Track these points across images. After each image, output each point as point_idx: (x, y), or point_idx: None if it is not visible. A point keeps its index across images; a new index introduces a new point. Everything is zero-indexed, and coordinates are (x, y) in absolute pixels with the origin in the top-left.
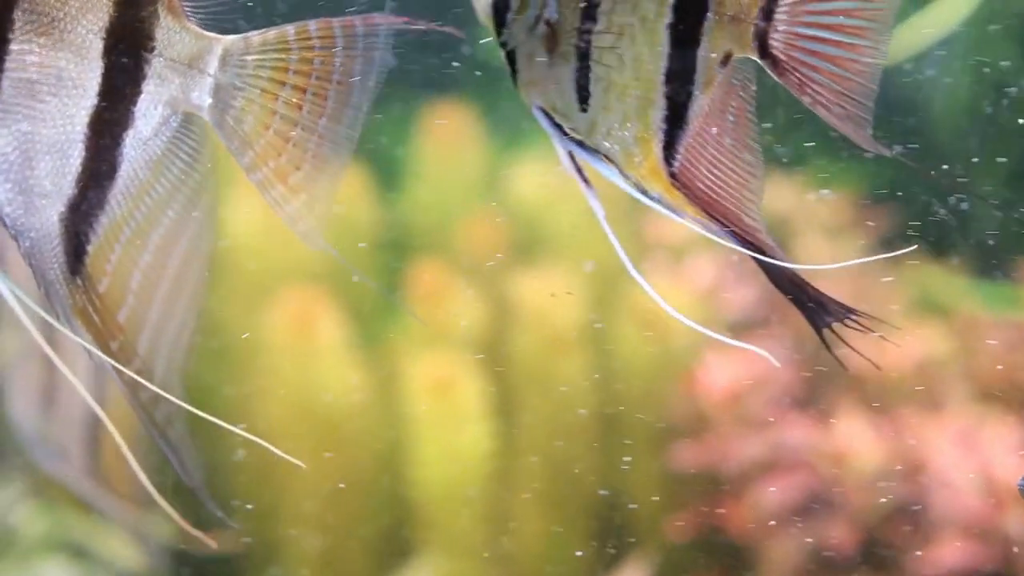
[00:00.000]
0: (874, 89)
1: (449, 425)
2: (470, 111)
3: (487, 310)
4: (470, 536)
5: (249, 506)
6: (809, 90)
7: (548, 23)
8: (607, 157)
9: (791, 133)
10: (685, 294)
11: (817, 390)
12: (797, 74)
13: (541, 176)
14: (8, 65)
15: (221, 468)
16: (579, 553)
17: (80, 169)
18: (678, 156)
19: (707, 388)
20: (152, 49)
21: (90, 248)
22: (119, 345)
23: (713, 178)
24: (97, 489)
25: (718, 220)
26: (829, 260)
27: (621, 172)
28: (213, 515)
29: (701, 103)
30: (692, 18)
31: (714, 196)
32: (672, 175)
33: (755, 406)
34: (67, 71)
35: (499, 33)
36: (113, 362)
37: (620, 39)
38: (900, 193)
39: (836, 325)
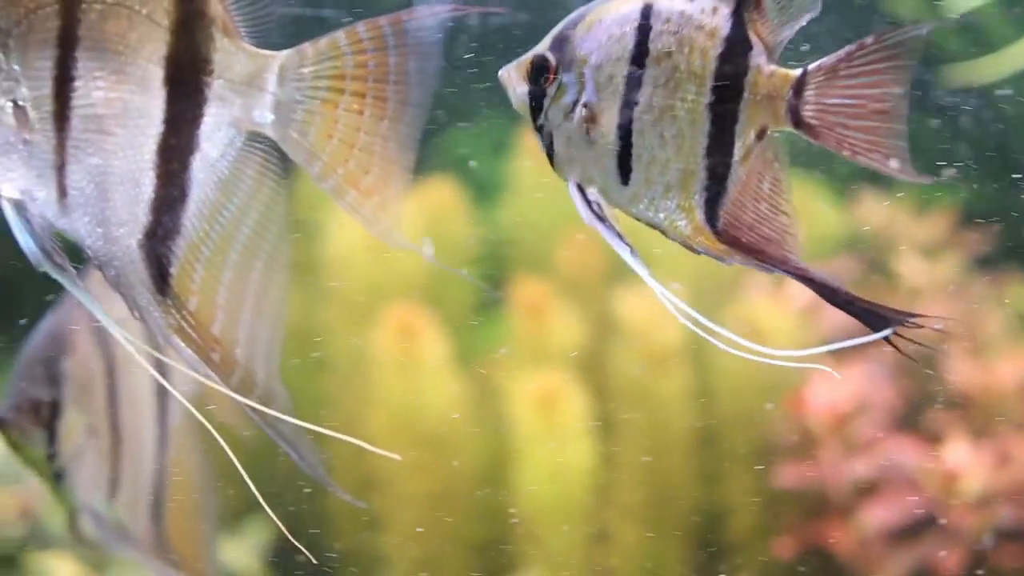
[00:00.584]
0: (904, 127)
1: (552, 440)
2: None
3: (588, 326)
4: (571, 551)
5: (352, 518)
6: (847, 146)
7: (587, 106)
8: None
9: None
10: (784, 313)
11: (921, 411)
12: (833, 136)
13: None
14: (76, 102)
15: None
16: (680, 570)
17: (153, 196)
18: (719, 221)
19: (813, 407)
20: (211, 72)
21: (173, 270)
22: (220, 357)
23: (754, 237)
24: (165, 570)
25: (766, 263)
26: (927, 279)
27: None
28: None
29: (739, 173)
30: (730, 97)
31: (758, 249)
32: (717, 232)
33: (860, 426)
34: (132, 102)
35: (535, 119)
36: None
37: (662, 119)
38: (998, 213)
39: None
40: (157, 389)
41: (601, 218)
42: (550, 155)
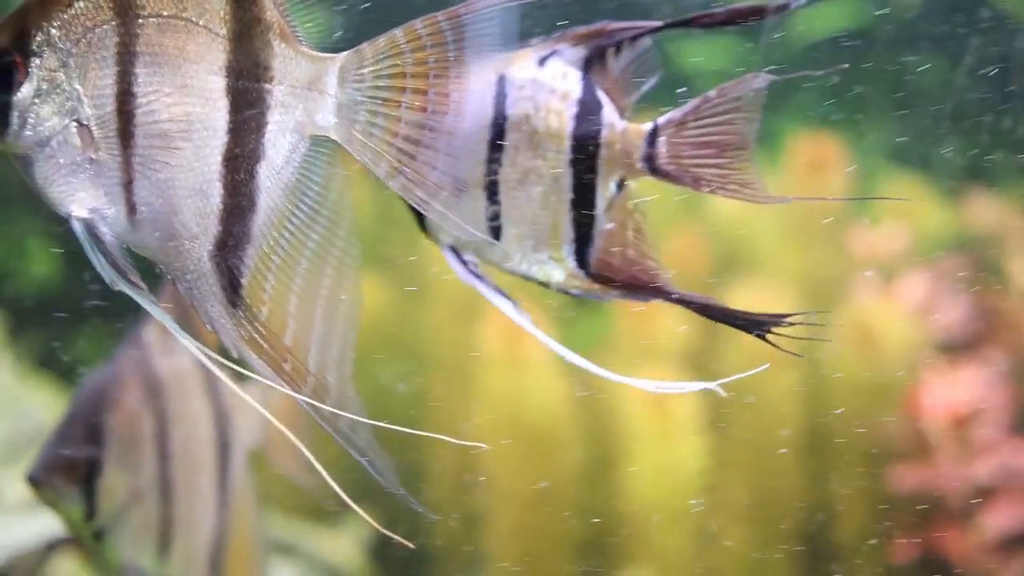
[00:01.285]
0: (751, 152)
1: (663, 440)
2: None
3: (694, 322)
4: (678, 551)
5: (456, 514)
6: (703, 184)
7: None
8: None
9: (998, 151)
10: (895, 313)
11: None
12: (688, 177)
13: None
14: (139, 118)
15: (424, 476)
16: (788, 574)
17: (221, 207)
18: (590, 268)
19: (929, 409)
20: (271, 79)
21: (244, 280)
22: (291, 366)
23: (626, 276)
24: None
25: (640, 294)
26: None
27: (517, 306)
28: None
29: (604, 223)
30: (588, 154)
31: (631, 284)
32: (590, 276)
33: (977, 429)
34: (195, 114)
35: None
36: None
37: (527, 179)
38: None
39: None
40: (217, 449)
41: (478, 276)
42: (420, 220)
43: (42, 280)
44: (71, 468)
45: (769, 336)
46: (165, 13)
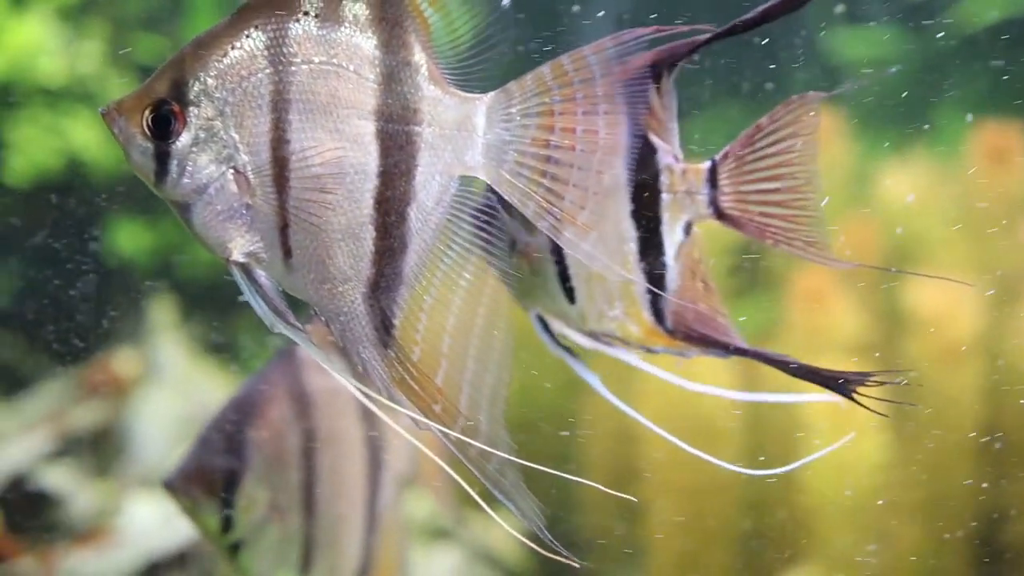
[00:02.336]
0: (819, 208)
1: (840, 434)
2: (836, 111)
3: (869, 316)
4: (849, 549)
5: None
6: (769, 234)
7: (515, 246)
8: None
9: None
10: None
11: None
12: (754, 224)
13: (913, 177)
14: (293, 164)
15: (582, 467)
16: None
17: (374, 249)
18: (667, 320)
19: None
20: (420, 121)
21: (396, 321)
22: (442, 407)
23: (704, 330)
24: None
25: (722, 348)
26: None
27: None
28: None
29: (675, 272)
30: (649, 200)
31: (712, 340)
32: (669, 332)
33: None
34: (347, 159)
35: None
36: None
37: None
38: None
39: None
40: (368, 471)
41: (565, 348)
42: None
43: (208, 266)
44: (210, 478)
45: (856, 396)
46: (316, 60)
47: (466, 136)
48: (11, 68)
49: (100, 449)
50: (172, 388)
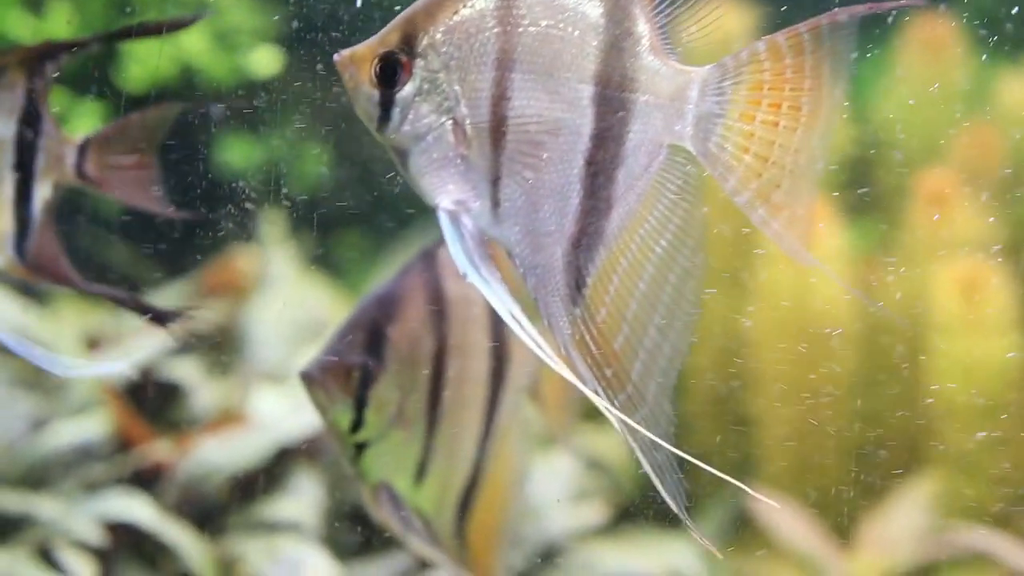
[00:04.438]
0: None
1: (971, 334)
2: (952, 19)
3: (1002, 219)
4: (974, 453)
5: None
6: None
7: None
8: None
9: None
10: None
11: None
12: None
13: None
14: (511, 121)
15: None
16: None
17: (579, 208)
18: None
19: None
20: (636, 89)
21: (589, 280)
22: (613, 372)
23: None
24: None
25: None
26: None
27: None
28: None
29: (37, 222)
30: (27, 159)
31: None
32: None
33: None
34: (563, 120)
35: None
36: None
37: None
38: None
39: None
40: (490, 385)
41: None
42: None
43: (314, 183)
44: (347, 374)
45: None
46: (543, 23)
47: (679, 107)
48: None
49: (222, 348)
50: (285, 296)
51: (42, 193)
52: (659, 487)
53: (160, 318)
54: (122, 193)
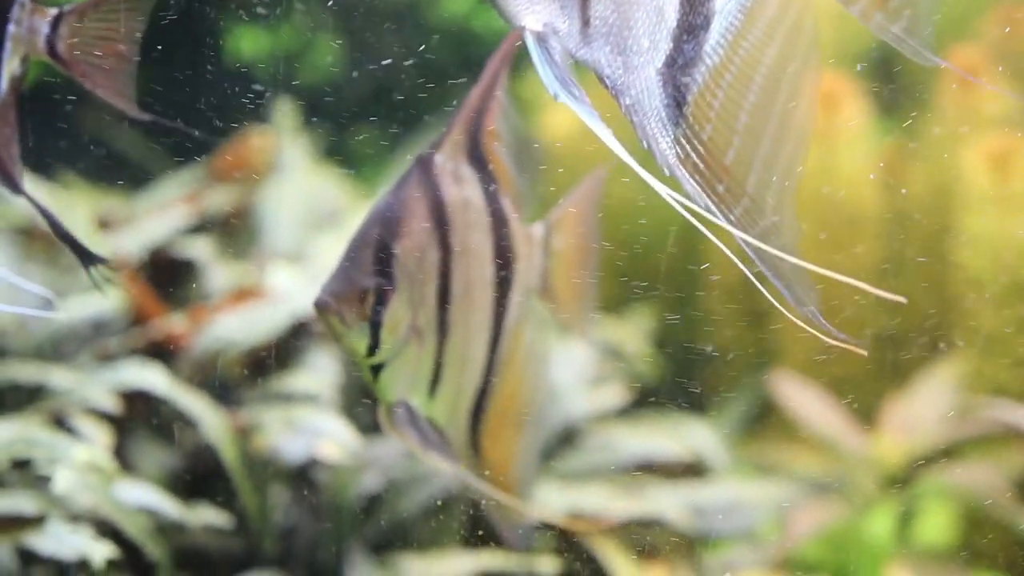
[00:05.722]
0: None
1: (1001, 207)
2: None
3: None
4: (1002, 332)
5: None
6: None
7: None
8: None
9: None
10: None
11: None
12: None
13: None
14: None
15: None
16: None
17: (676, 25)
18: None
19: None
20: None
21: (691, 98)
22: (725, 187)
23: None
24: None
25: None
26: None
27: None
28: None
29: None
30: None
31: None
32: None
33: None
34: None
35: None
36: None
37: None
38: None
39: None
40: (496, 288)
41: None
42: None
43: (325, 73)
44: (361, 298)
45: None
46: None
47: None
48: None
49: (235, 229)
50: (298, 182)
51: (10, 67)
52: (788, 298)
53: (84, 257)
54: (92, 82)
